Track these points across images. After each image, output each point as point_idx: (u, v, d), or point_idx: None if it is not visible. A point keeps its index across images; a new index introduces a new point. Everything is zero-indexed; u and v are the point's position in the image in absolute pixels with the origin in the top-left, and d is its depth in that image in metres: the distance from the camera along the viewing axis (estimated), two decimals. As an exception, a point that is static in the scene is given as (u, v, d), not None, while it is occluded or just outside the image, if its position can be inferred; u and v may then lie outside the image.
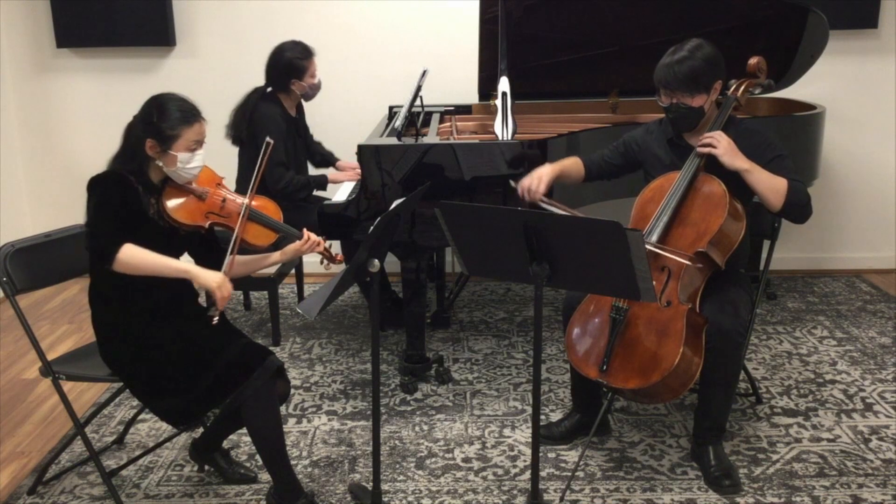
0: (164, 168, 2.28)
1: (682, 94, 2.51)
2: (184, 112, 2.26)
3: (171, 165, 2.26)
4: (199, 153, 2.30)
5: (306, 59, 3.58)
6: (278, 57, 3.57)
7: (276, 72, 3.58)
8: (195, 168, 2.30)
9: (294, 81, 3.58)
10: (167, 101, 2.27)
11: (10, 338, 3.85)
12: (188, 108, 2.28)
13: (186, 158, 2.26)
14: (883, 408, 3.02)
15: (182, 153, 2.25)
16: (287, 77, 3.57)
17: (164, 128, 2.23)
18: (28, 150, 4.61)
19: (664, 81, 2.52)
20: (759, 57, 2.77)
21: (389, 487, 2.55)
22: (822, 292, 4.29)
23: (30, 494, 2.56)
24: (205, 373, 2.23)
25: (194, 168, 2.30)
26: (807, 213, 2.52)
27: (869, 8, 4.26)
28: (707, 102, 2.54)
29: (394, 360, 3.48)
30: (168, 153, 2.25)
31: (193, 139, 2.27)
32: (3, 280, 2.38)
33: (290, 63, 3.55)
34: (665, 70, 2.51)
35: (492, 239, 2.17)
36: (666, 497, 2.48)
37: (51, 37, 4.40)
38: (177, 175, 2.29)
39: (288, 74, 3.56)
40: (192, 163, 2.28)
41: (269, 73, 3.62)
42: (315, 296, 2.08)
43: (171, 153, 2.25)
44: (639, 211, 2.63)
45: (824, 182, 4.41)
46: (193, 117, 2.27)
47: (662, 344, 2.35)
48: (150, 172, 2.30)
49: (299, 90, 3.61)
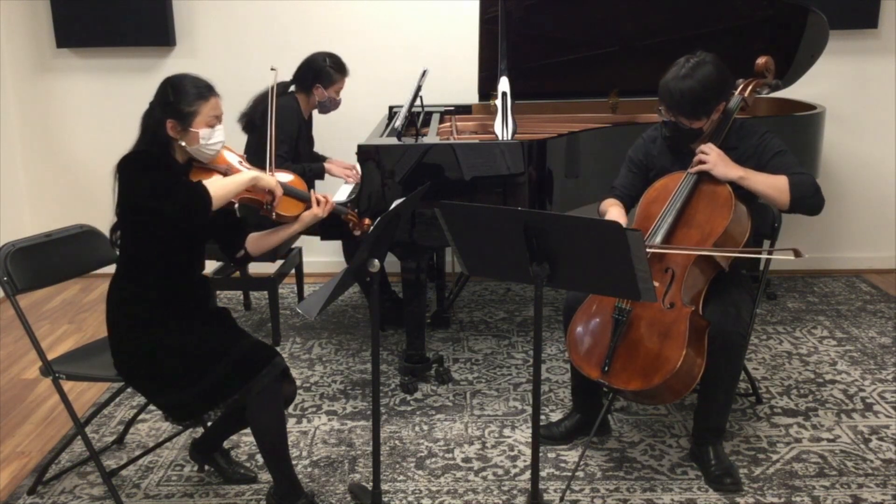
0: (186, 147, 2.29)
1: (683, 117, 2.51)
2: (199, 88, 2.29)
3: (194, 143, 2.28)
4: (219, 128, 2.33)
5: (338, 73, 3.64)
6: (314, 59, 3.64)
7: (306, 71, 3.63)
8: (217, 143, 2.33)
9: (318, 87, 3.62)
10: (181, 79, 2.30)
11: (10, 338, 3.85)
12: (202, 84, 2.31)
13: (208, 134, 2.29)
14: (883, 408, 3.02)
15: (203, 129, 2.28)
16: (314, 80, 3.61)
17: (183, 106, 2.25)
18: (28, 150, 4.61)
19: (668, 102, 2.50)
20: (767, 56, 2.75)
21: (389, 487, 2.55)
22: (822, 292, 4.29)
23: (30, 494, 2.56)
24: (212, 369, 2.23)
25: (216, 143, 2.33)
26: (819, 203, 2.50)
27: (869, 8, 4.26)
28: (707, 124, 2.54)
29: (394, 360, 3.48)
30: (189, 131, 2.26)
31: (212, 114, 2.29)
32: (3, 280, 2.37)
33: (322, 69, 3.61)
34: (669, 92, 2.48)
35: (492, 239, 2.17)
36: (666, 497, 2.48)
37: (51, 37, 4.40)
38: (200, 153, 2.32)
39: (316, 78, 3.61)
40: (213, 138, 2.31)
41: (298, 70, 3.66)
42: (315, 296, 2.08)
43: (192, 130, 2.26)
44: (643, 211, 2.62)
45: (824, 182, 4.37)
46: (209, 91, 2.30)
47: (665, 346, 2.35)
48: (174, 154, 2.32)
49: (319, 97, 3.64)
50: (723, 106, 2.55)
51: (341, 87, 3.68)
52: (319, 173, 3.69)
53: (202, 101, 2.27)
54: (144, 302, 2.31)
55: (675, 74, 2.49)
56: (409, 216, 2.98)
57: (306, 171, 3.63)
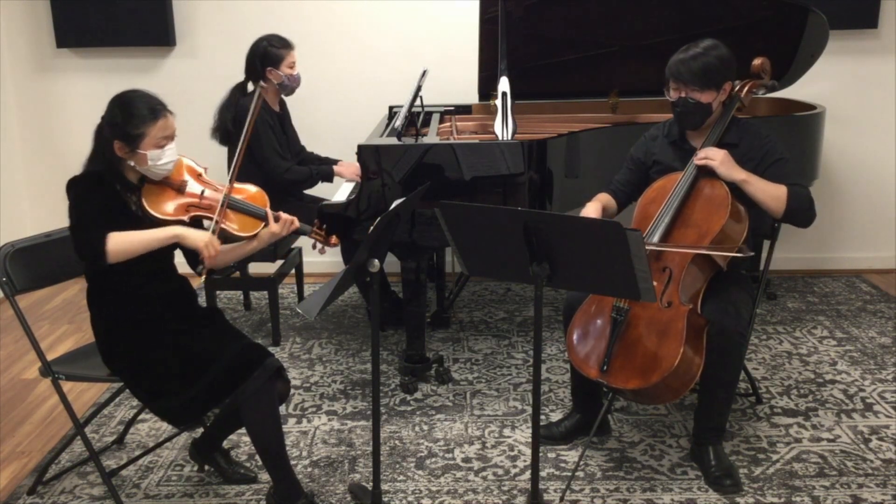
0: (136, 167, 2.26)
1: (693, 88, 2.52)
2: (148, 109, 2.23)
3: (143, 164, 2.25)
4: (170, 147, 2.27)
5: (282, 49, 3.57)
6: (254, 47, 3.59)
7: (251, 62, 3.58)
8: (167, 163, 2.28)
9: (269, 70, 3.55)
10: (130, 99, 2.25)
11: (10, 338, 3.85)
12: (153, 104, 2.25)
13: (156, 155, 2.24)
14: (883, 408, 3.01)
15: (151, 150, 2.23)
16: (262, 65, 3.55)
17: (129, 129, 2.20)
18: (28, 150, 4.61)
19: (676, 74, 2.53)
20: (763, 58, 2.76)
21: (389, 487, 2.55)
22: (822, 292, 4.29)
23: (30, 494, 2.56)
24: (205, 373, 2.23)
25: (166, 163, 2.28)
26: (810, 218, 2.53)
27: (869, 8, 4.26)
28: (715, 101, 2.55)
29: (394, 360, 3.48)
30: (137, 152, 2.23)
31: (160, 135, 2.24)
32: (2, 280, 2.38)
33: (264, 51, 3.55)
34: (678, 63, 2.53)
35: (492, 239, 2.17)
36: (666, 497, 2.48)
37: (51, 37, 4.40)
38: (150, 172, 2.28)
39: (262, 63, 3.55)
40: (162, 159, 2.26)
41: (246, 64, 3.62)
42: (315, 296, 2.08)
43: (139, 152, 2.22)
44: (641, 211, 2.63)
45: (824, 182, 4.41)
46: (158, 112, 2.24)
47: (663, 344, 2.35)
48: (125, 172, 2.29)
49: (275, 79, 3.57)
50: (729, 86, 2.57)
51: (293, 62, 3.59)
52: (327, 175, 3.64)
53: (150, 123, 2.21)
54: (119, 307, 2.30)
55: (683, 51, 2.55)
56: (408, 216, 2.98)
57: (313, 174, 3.61)
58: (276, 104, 3.70)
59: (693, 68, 2.50)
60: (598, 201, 2.73)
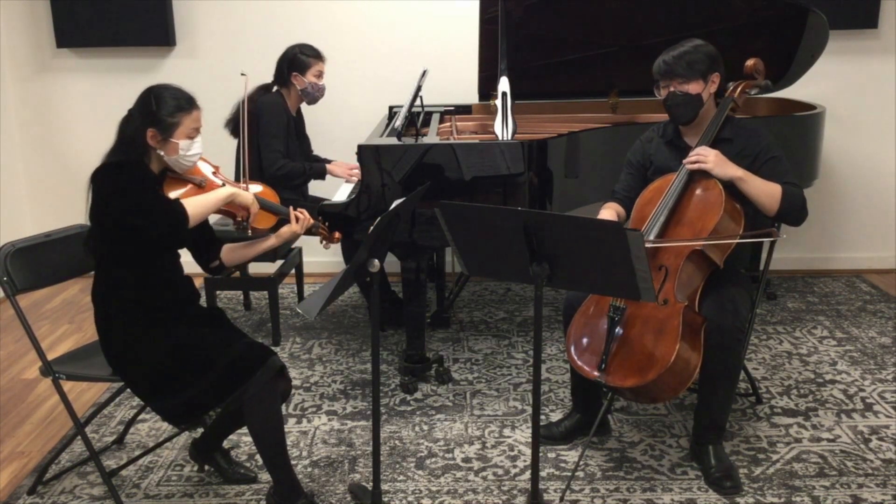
0: (164, 157, 2.31)
1: (678, 80, 2.55)
2: (181, 100, 2.31)
3: (173, 153, 2.30)
4: (198, 140, 2.35)
5: (312, 57, 3.65)
6: (286, 51, 3.68)
7: (280, 65, 3.68)
8: (195, 155, 2.36)
9: (295, 75, 3.64)
10: (164, 90, 2.32)
11: (10, 338, 3.85)
12: (185, 97, 2.33)
13: (187, 146, 2.31)
14: (883, 408, 3.02)
15: (183, 140, 2.30)
16: (289, 70, 3.64)
17: (164, 116, 2.27)
18: (28, 150, 4.61)
19: (661, 70, 2.58)
20: (755, 59, 2.77)
21: (389, 487, 2.55)
22: (822, 292, 4.29)
23: (30, 494, 2.56)
24: (207, 372, 2.23)
25: (194, 155, 2.35)
26: (802, 218, 2.55)
27: (869, 8, 4.26)
28: (705, 92, 2.56)
29: (394, 360, 3.48)
30: (169, 141, 2.29)
31: (192, 126, 2.32)
32: (3, 280, 2.38)
33: (294, 57, 3.64)
34: (661, 62, 2.58)
35: (492, 239, 2.17)
36: (666, 497, 2.48)
37: (51, 37, 4.40)
38: (177, 163, 2.34)
39: (290, 68, 3.64)
40: (192, 150, 2.33)
41: (276, 68, 3.70)
42: (315, 296, 2.08)
43: (172, 141, 2.29)
44: (637, 212, 2.64)
45: (824, 182, 4.41)
46: (191, 105, 2.33)
47: (659, 342, 2.35)
48: (150, 163, 2.33)
49: (300, 85, 3.65)
50: (717, 78, 2.59)
51: (321, 71, 3.68)
52: (320, 174, 3.71)
53: (184, 113, 2.29)
54: (127, 306, 2.31)
55: (665, 52, 2.60)
56: (408, 216, 2.98)
57: (307, 171, 3.65)
58: (294, 110, 3.76)
59: (675, 60, 2.55)
60: (610, 209, 2.74)
